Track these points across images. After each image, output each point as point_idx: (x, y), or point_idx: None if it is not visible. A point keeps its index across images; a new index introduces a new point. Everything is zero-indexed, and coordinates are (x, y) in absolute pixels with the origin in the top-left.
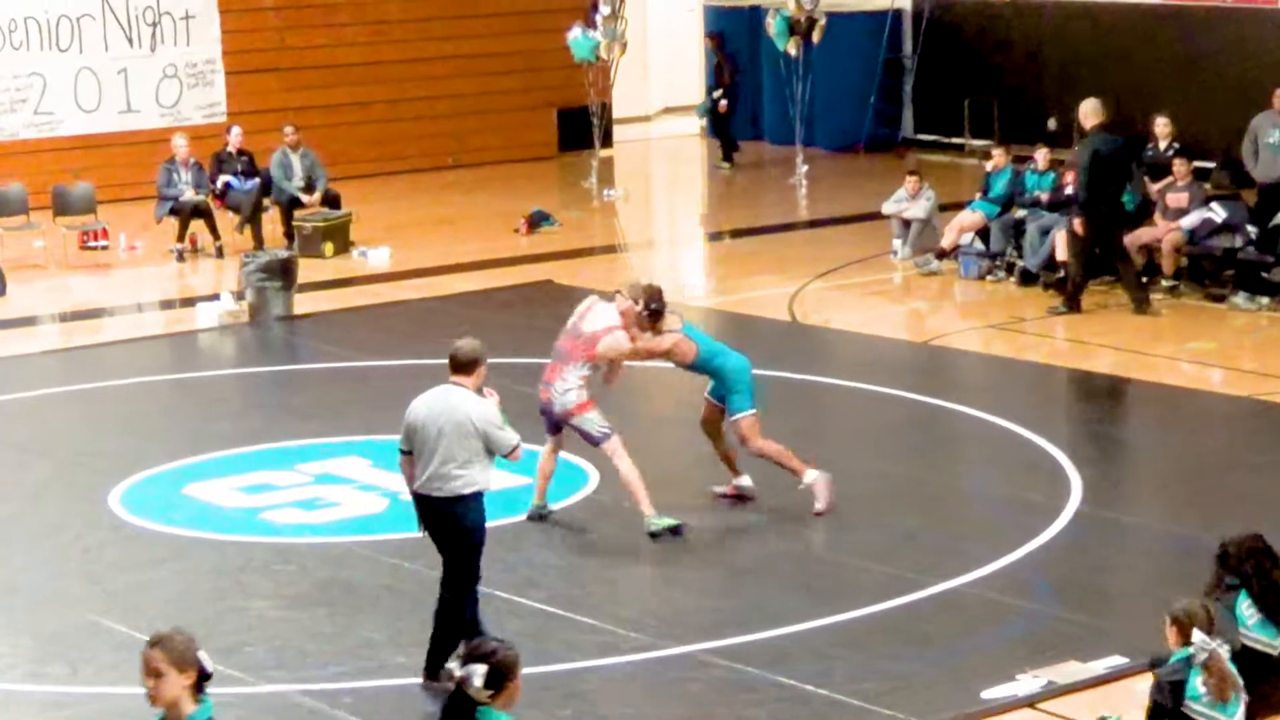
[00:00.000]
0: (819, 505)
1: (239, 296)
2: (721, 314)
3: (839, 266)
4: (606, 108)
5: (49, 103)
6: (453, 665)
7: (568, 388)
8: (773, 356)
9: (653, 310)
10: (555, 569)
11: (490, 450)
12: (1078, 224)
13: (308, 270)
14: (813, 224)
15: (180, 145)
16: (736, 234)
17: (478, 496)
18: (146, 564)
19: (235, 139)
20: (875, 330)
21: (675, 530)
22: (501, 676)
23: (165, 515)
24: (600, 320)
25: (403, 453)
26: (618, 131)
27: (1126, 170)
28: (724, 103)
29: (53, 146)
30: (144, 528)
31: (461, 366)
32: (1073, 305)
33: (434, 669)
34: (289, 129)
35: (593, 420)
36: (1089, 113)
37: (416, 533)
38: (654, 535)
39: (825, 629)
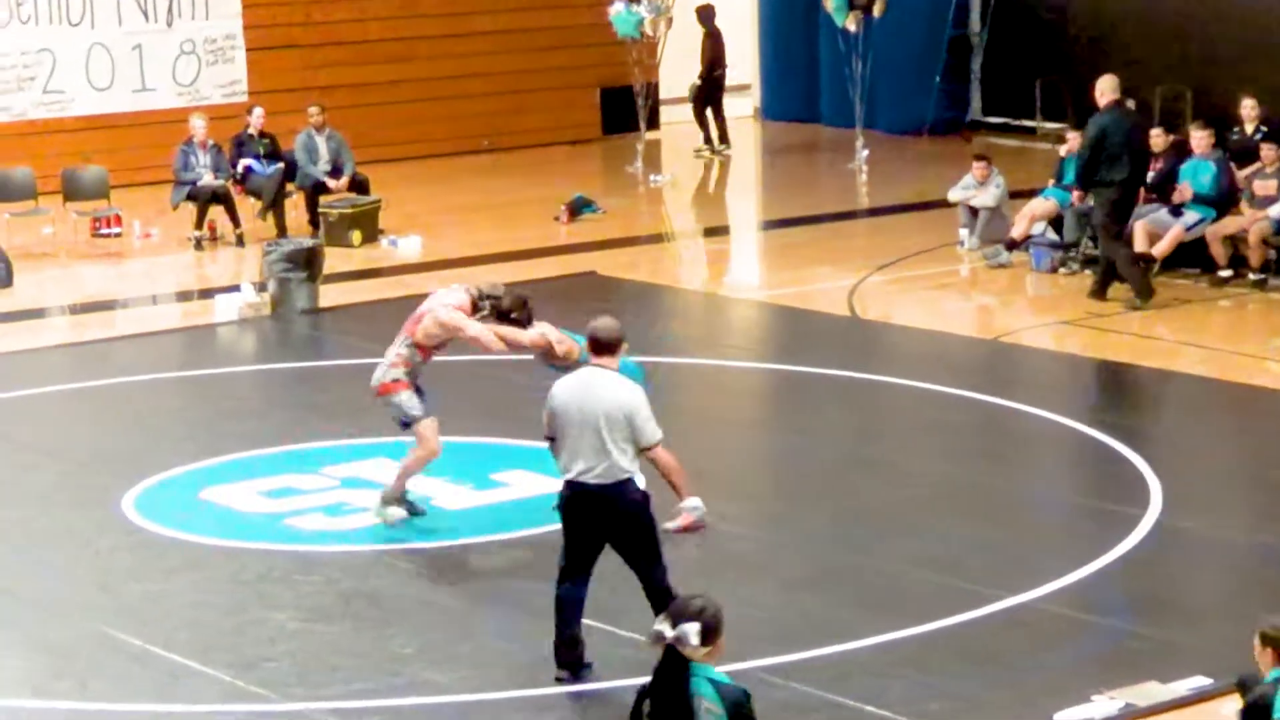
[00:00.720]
0: (672, 526)
1: (260, 288)
2: (775, 308)
3: (901, 258)
4: (652, 87)
5: (59, 81)
6: (662, 627)
7: (385, 363)
8: (831, 354)
9: (497, 311)
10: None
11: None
12: (1075, 196)
13: (333, 260)
14: (873, 212)
15: (198, 126)
16: (792, 223)
17: (634, 479)
18: (161, 573)
19: (257, 120)
20: (940, 326)
21: (413, 512)
22: (712, 631)
23: (181, 521)
24: (437, 300)
25: (549, 440)
26: (664, 113)
27: (1142, 152)
28: (696, 83)
29: (63, 127)
30: (158, 534)
31: (605, 347)
32: (1097, 293)
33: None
34: (314, 109)
35: (401, 402)
36: (1105, 89)
37: (555, 520)
38: (386, 522)
39: (884, 645)
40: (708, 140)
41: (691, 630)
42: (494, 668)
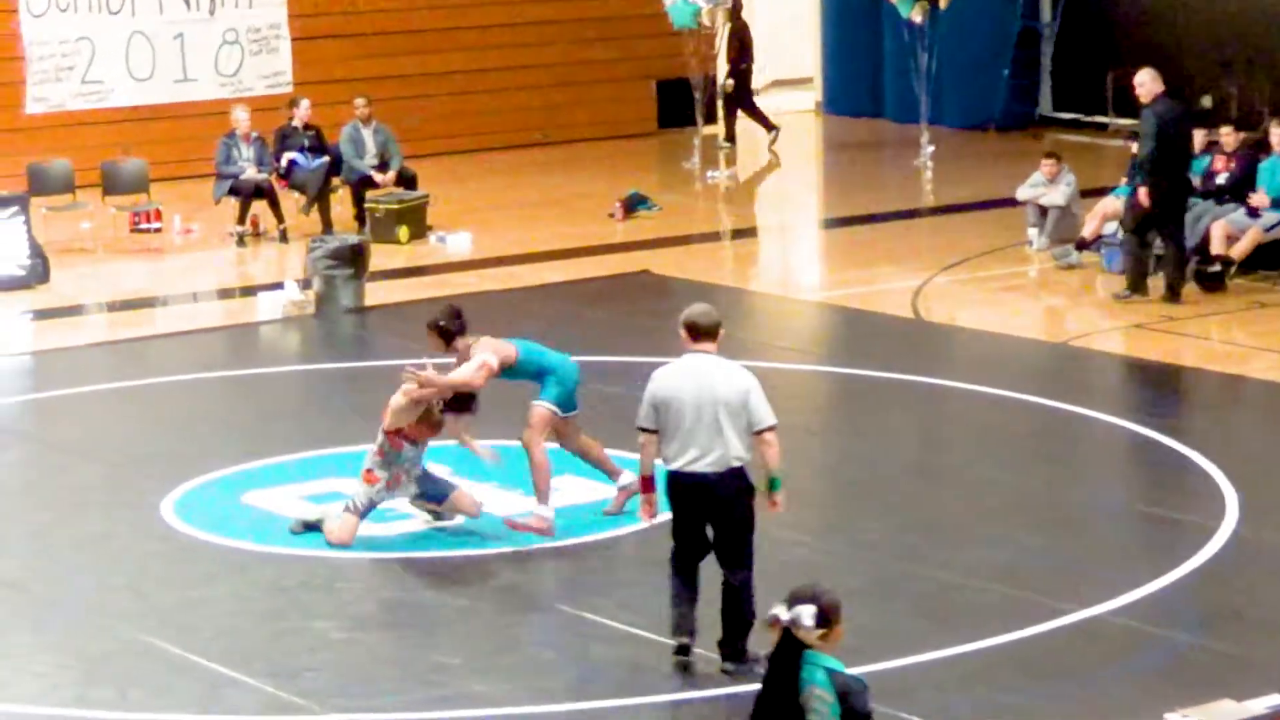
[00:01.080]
0: (523, 519)
1: (304, 285)
2: (837, 309)
3: (968, 258)
4: (710, 80)
5: (98, 71)
6: (778, 610)
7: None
8: (894, 356)
9: (441, 327)
10: (650, 589)
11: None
12: (1142, 195)
13: (380, 257)
14: (939, 211)
15: (241, 118)
16: (854, 221)
17: (744, 469)
18: (200, 579)
19: (302, 112)
20: (1007, 329)
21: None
22: (828, 616)
23: (221, 525)
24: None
25: (645, 431)
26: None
27: (1190, 139)
28: (729, 82)
29: (102, 119)
30: (198, 539)
31: (707, 332)
32: (1137, 287)
33: (729, 651)
34: (360, 101)
35: (363, 492)
36: (1147, 81)
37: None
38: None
39: (947, 660)
40: (730, 137)
41: (807, 612)
42: (540, 679)
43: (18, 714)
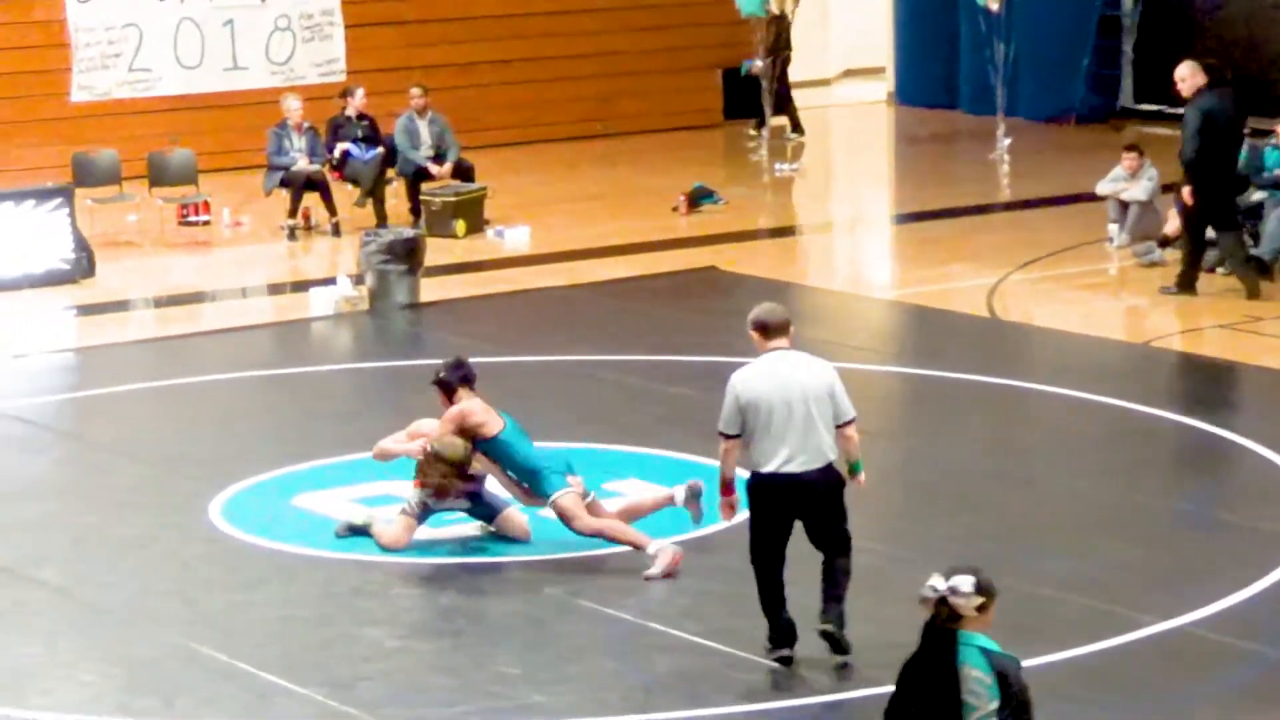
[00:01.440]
0: (655, 570)
1: (358, 280)
2: (909, 308)
3: (1045, 255)
4: (778, 68)
5: (145, 58)
6: (934, 581)
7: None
8: (968, 357)
9: (440, 380)
10: (716, 597)
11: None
12: (1186, 193)
13: (436, 251)
14: (1015, 206)
15: (293, 108)
16: (927, 216)
17: (834, 462)
18: (248, 584)
19: (356, 101)
20: (1086, 329)
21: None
22: (986, 590)
23: (270, 529)
24: None
25: (727, 437)
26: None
27: (1239, 132)
28: (758, 64)
29: (149, 108)
30: (246, 542)
31: (779, 329)
32: (1185, 285)
33: (833, 616)
34: (416, 91)
35: (416, 495)
36: (1188, 74)
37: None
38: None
39: (1026, 673)
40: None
41: (965, 581)
42: (602, 690)
43: None
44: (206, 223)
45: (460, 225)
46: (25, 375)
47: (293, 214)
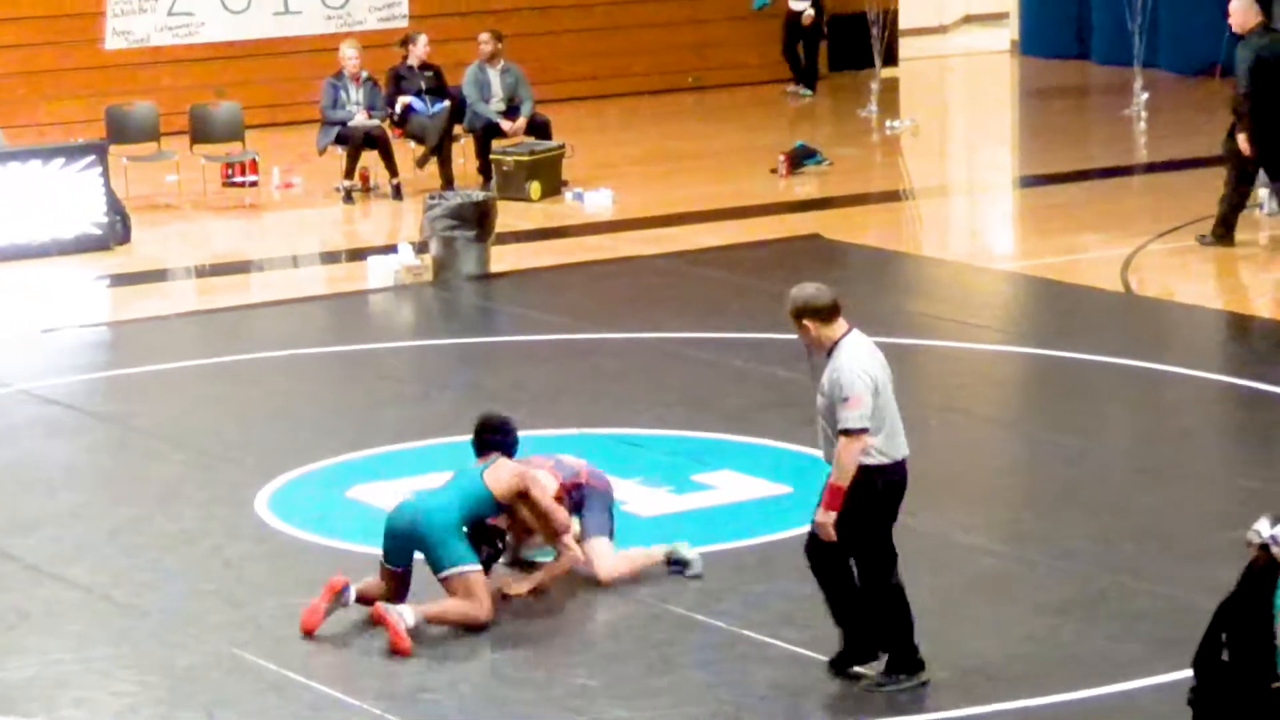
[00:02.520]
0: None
1: (421, 248)
2: (1034, 281)
3: (1187, 223)
4: (890, 16)
5: (188, 1)
6: (1259, 526)
7: None
8: (1101, 337)
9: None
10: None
11: None
12: (1243, 142)
13: (507, 216)
14: (1154, 168)
15: (350, 57)
16: (1055, 179)
17: None
18: (300, 584)
19: (419, 50)
20: (1233, 305)
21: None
22: None
23: (324, 523)
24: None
25: (864, 432)
26: (904, 46)
27: None
28: (810, 12)
29: (191, 56)
30: (298, 538)
31: (834, 310)
32: (1222, 235)
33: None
34: (486, 37)
35: None
36: (1242, 10)
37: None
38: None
39: (1165, 687)
40: (801, 79)
41: None
42: (692, 704)
43: None
44: (254, 184)
45: (535, 187)
46: (55, 352)
47: (349, 174)
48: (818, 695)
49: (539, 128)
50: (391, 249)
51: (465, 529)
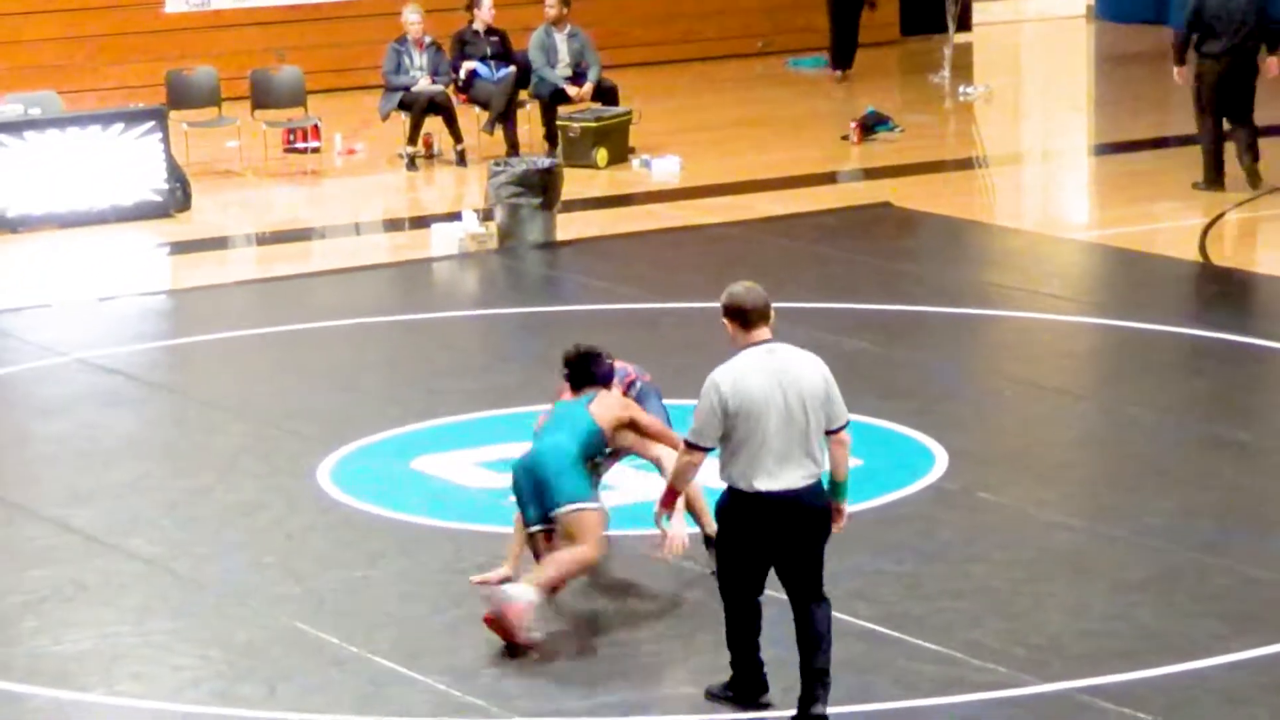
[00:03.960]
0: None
1: (485, 216)
2: (1110, 251)
3: (1268, 191)
4: None
5: None
6: None
7: None
8: (1178, 308)
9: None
10: (891, 578)
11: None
12: (1177, 74)
13: (574, 184)
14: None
15: (413, 21)
16: (1132, 147)
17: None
18: (363, 558)
19: (484, 14)
20: None
21: None
22: None
23: (387, 496)
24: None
25: (698, 449)
26: (978, 10)
27: (1244, 19)
28: None
29: (252, 20)
30: (360, 511)
31: (763, 314)
32: (1212, 179)
33: (815, 700)
34: (552, 1)
35: None
36: None
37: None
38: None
39: (1243, 665)
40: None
41: None
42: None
43: (152, 710)
44: (316, 150)
45: (601, 154)
46: (113, 320)
47: (412, 141)
48: (890, 671)
49: (606, 93)
50: (455, 216)
51: (584, 465)
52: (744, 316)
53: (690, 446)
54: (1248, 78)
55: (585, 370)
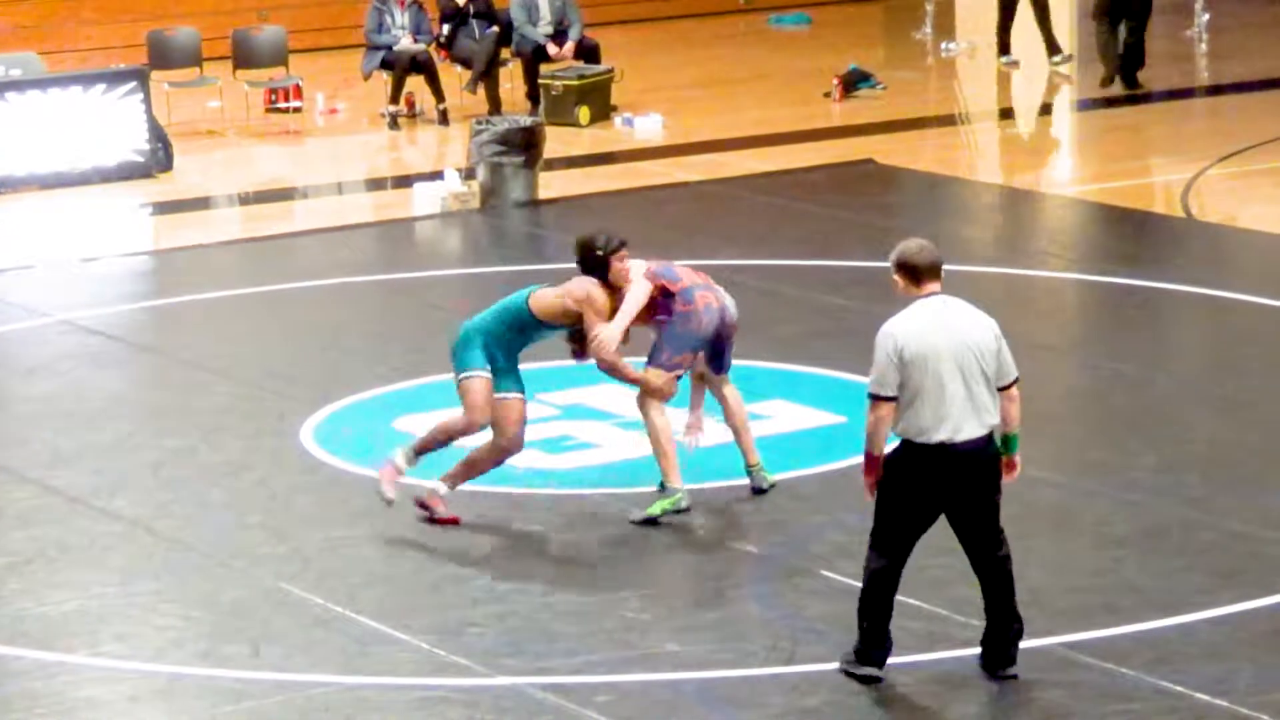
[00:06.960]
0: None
1: (468, 175)
2: (1093, 206)
3: (1249, 147)
4: None
5: None
6: None
7: None
8: (1162, 263)
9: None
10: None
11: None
12: None
13: (556, 142)
14: (1215, 90)
15: None
16: (1114, 102)
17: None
18: (347, 517)
19: None
20: None
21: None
22: None
23: (372, 455)
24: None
25: (884, 399)
26: None
27: None
28: None
29: None
30: (344, 470)
31: (935, 271)
32: (1112, 75)
33: (1007, 655)
34: None
35: None
36: None
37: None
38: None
39: (1226, 620)
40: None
41: None
42: (748, 640)
43: (136, 671)
44: (298, 109)
45: (584, 112)
46: (96, 281)
47: (395, 100)
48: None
49: (588, 51)
50: (438, 175)
51: (492, 339)
52: (915, 272)
53: (874, 399)
54: None
55: (578, 259)
